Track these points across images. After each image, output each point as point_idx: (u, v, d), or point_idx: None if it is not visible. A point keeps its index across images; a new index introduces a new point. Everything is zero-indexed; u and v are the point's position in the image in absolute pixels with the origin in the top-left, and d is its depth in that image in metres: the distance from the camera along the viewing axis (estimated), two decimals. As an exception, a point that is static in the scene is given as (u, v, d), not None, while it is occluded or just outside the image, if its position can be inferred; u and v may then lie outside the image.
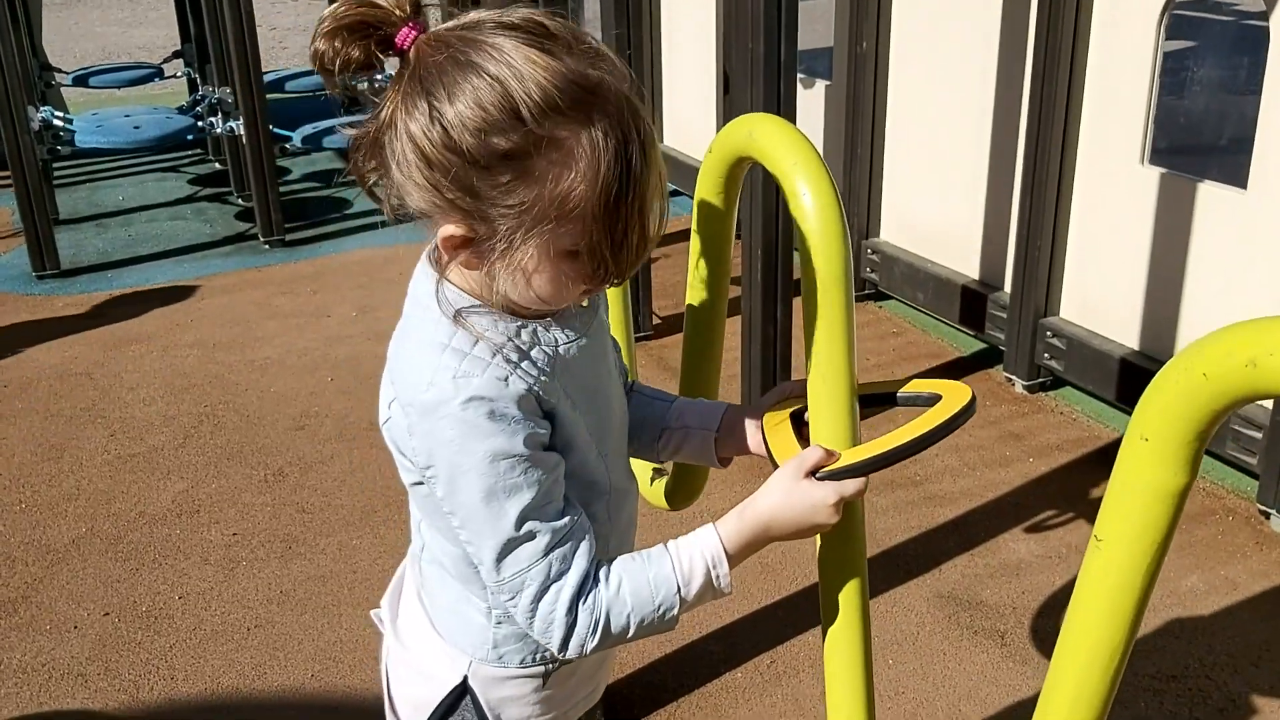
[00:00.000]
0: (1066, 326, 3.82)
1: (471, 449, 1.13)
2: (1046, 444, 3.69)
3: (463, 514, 1.18)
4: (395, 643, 1.45)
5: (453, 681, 1.35)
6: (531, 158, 1.06)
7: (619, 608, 1.20)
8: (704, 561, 1.22)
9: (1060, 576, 3.03)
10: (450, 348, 1.15)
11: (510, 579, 1.19)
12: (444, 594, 1.35)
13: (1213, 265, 3.36)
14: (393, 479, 3.51)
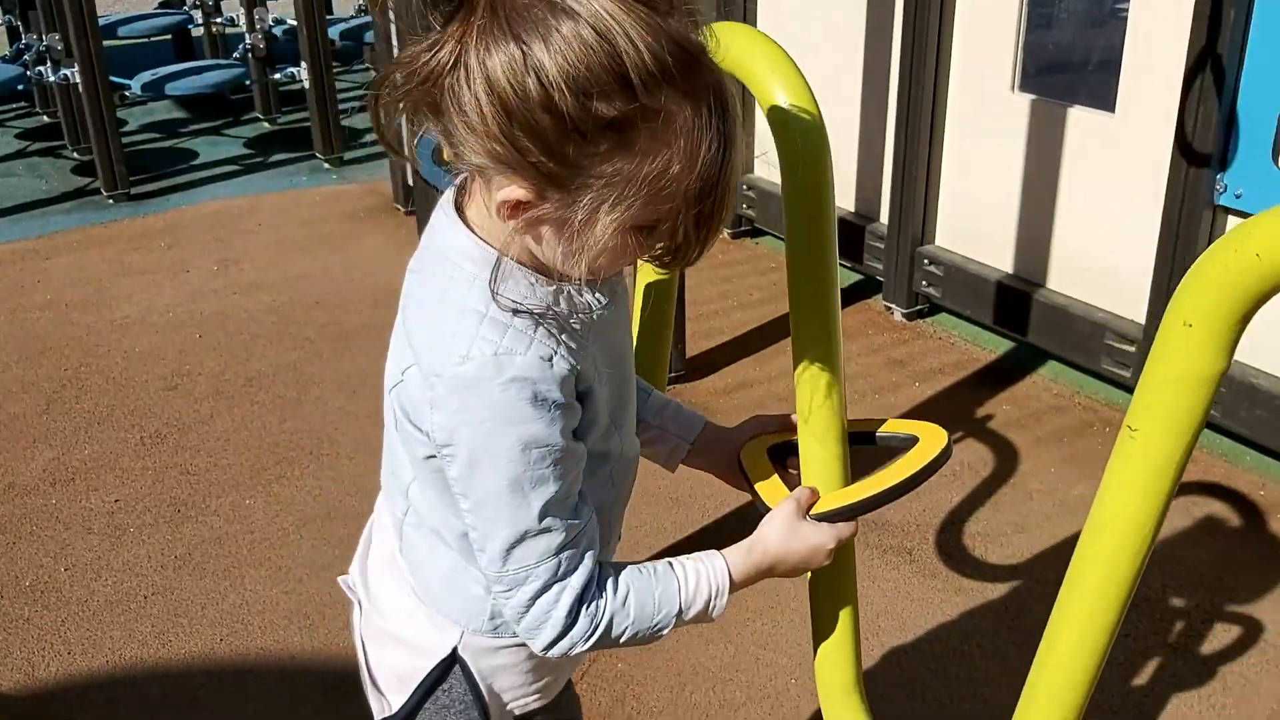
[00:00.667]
0: (943, 254, 3.93)
1: (505, 434, 1.06)
2: (929, 368, 3.81)
3: (477, 498, 1.11)
4: (372, 611, 1.37)
5: (442, 652, 1.30)
6: (636, 129, 0.95)
7: (620, 619, 1.18)
8: (709, 590, 1.21)
9: (957, 494, 3.14)
10: (489, 317, 1.06)
11: (515, 572, 1.13)
12: (436, 562, 1.28)
13: (1084, 187, 3.49)
14: (283, 435, 3.41)
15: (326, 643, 2.63)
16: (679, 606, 1.19)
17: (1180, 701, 2.40)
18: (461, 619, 1.28)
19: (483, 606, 1.27)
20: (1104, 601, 1.04)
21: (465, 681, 1.30)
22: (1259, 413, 3.05)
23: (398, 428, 1.20)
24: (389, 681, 1.35)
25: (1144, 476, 0.94)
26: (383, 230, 5.08)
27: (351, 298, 4.41)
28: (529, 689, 1.34)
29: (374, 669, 1.37)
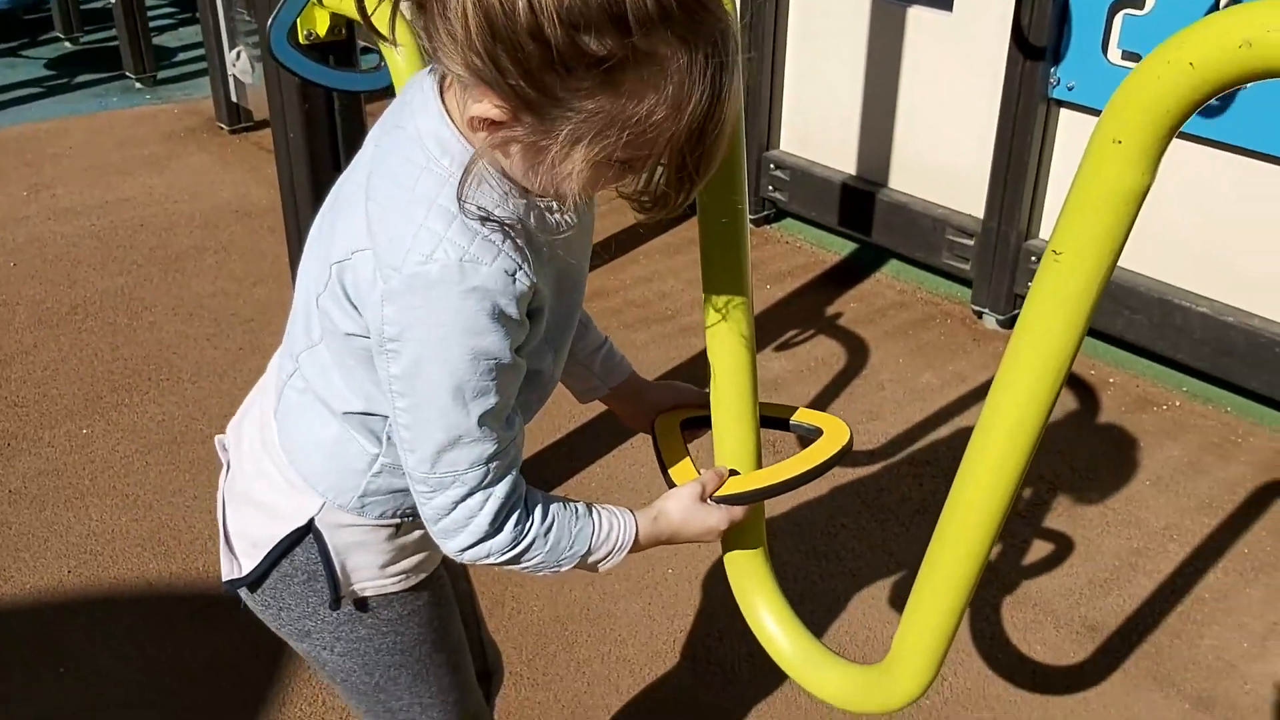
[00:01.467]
0: (788, 158, 3.98)
1: (458, 341, 1.03)
2: (779, 271, 3.87)
3: (416, 399, 1.08)
4: (238, 472, 1.32)
5: (299, 520, 1.25)
6: (623, 70, 0.90)
7: (539, 546, 1.18)
8: (614, 543, 1.23)
9: (813, 387, 3.21)
10: (459, 220, 1.01)
11: (442, 475, 1.11)
12: (313, 431, 1.23)
13: (923, 86, 3.58)
14: (117, 363, 3.23)
15: (185, 567, 2.52)
16: (587, 549, 1.21)
17: (1030, 566, 2.54)
18: (329, 492, 1.24)
19: (356, 483, 1.23)
20: (1022, 429, 1.07)
21: (318, 553, 1.25)
22: (1091, 297, 3.21)
23: (323, 297, 1.13)
24: (242, 545, 1.29)
25: (1068, 298, 0.96)
26: (206, 150, 4.82)
27: (179, 219, 4.18)
28: (383, 573, 1.30)
29: (230, 530, 1.31)
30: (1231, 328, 2.95)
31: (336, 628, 1.30)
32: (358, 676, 1.35)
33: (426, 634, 1.35)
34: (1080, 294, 0.95)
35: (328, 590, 1.26)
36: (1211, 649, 2.33)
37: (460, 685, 1.43)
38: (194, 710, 2.17)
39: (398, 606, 1.32)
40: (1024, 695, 2.22)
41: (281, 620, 1.31)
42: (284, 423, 1.26)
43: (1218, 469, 2.87)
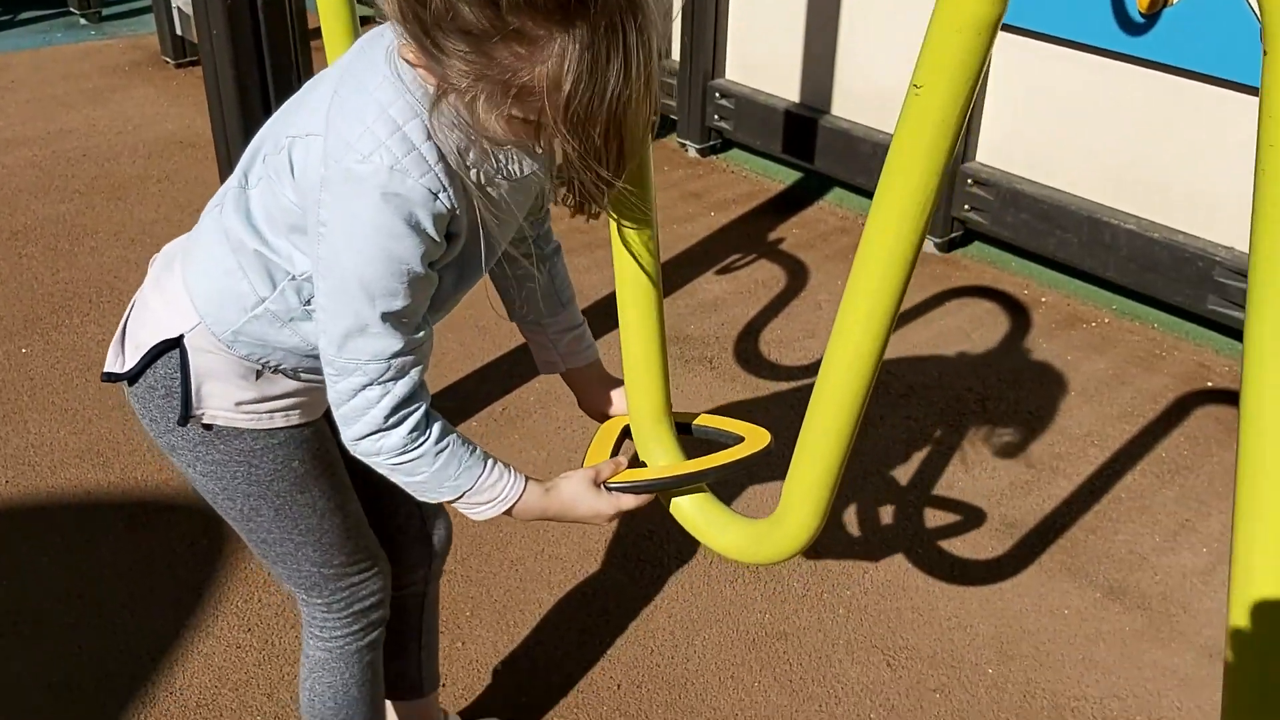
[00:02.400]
0: (733, 87, 4.00)
1: (373, 239, 1.11)
2: (723, 199, 3.91)
3: (331, 284, 1.16)
4: (148, 282, 1.39)
5: (173, 331, 1.32)
6: (492, 41, 0.98)
7: (426, 463, 1.25)
8: (496, 495, 1.30)
9: (752, 308, 3.26)
10: (402, 132, 1.10)
11: (346, 361, 1.19)
12: (214, 258, 1.30)
13: (864, 13, 3.61)
14: (57, 286, 3.24)
15: (123, 477, 2.54)
16: (471, 486, 1.28)
17: (953, 469, 2.61)
18: (207, 316, 1.30)
19: (235, 319, 1.29)
20: (894, 261, 1.11)
21: (179, 369, 1.32)
22: (1023, 216, 3.28)
23: (272, 158, 1.22)
24: (130, 348, 1.36)
25: (929, 130, 1.00)
26: (151, 83, 4.78)
27: (122, 150, 4.16)
28: (236, 408, 1.35)
29: (127, 330, 1.38)
30: (1156, 244, 3.02)
31: (194, 447, 1.36)
32: (223, 501, 1.41)
33: (284, 473, 1.39)
34: (940, 125, 1.00)
35: (180, 406, 1.32)
36: (1124, 544, 2.41)
37: (336, 531, 1.47)
38: (130, 606, 2.20)
39: (248, 440, 1.36)
40: (942, 586, 2.29)
41: (154, 431, 1.38)
42: (192, 242, 1.34)
43: (1141, 380, 2.95)
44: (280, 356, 1.33)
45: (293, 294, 1.27)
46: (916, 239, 1.10)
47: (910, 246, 1.10)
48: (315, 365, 1.34)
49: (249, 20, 1.97)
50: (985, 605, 2.25)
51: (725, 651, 2.14)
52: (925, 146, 1.02)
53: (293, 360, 1.34)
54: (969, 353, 3.05)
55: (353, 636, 1.56)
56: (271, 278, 1.26)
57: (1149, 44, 2.90)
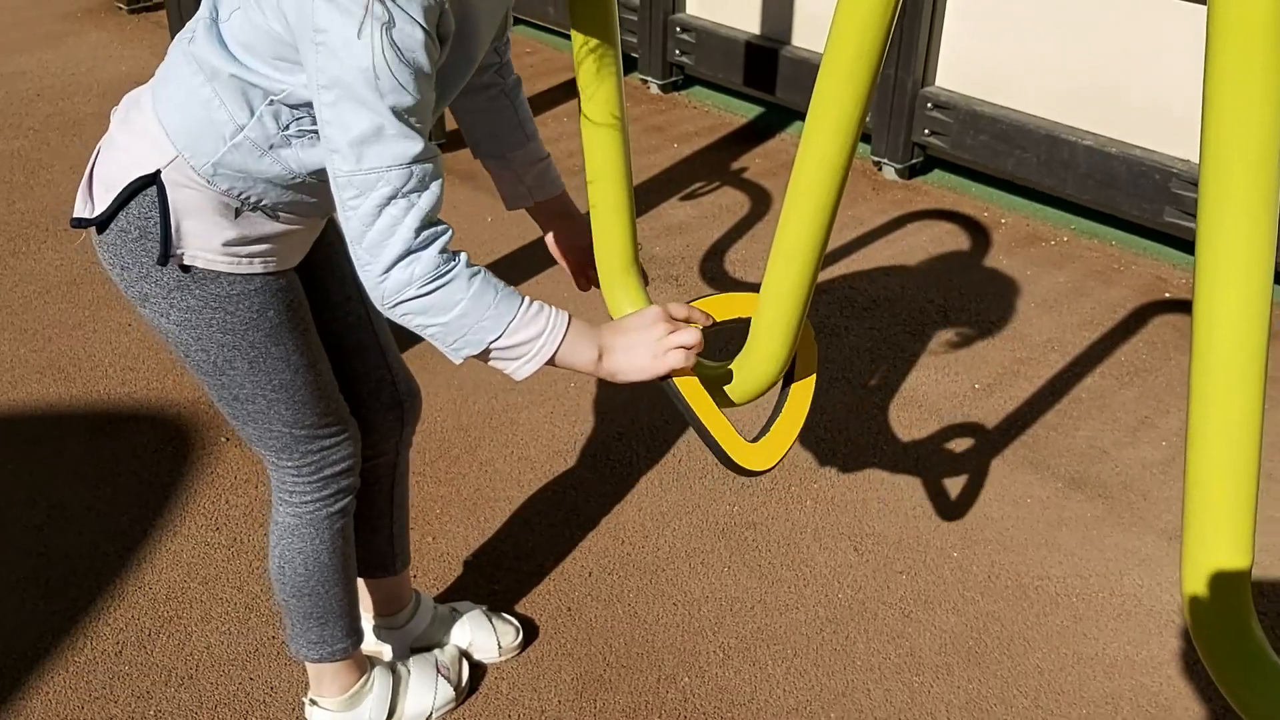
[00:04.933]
0: (694, 21, 4.00)
1: (373, 30, 1.09)
2: (686, 132, 3.91)
3: (337, 90, 1.12)
4: (115, 123, 1.37)
5: (149, 167, 1.29)
6: None
7: (460, 287, 1.17)
8: (539, 330, 1.21)
9: (715, 232, 3.27)
10: None
11: (366, 175, 1.14)
12: (187, 88, 1.28)
13: (822, -58, 3.61)
14: (14, 215, 3.26)
15: (85, 390, 2.52)
16: (507, 321, 1.20)
17: (918, 374, 2.64)
18: (186, 150, 1.28)
19: (214, 149, 1.27)
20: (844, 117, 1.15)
21: (157, 205, 1.29)
22: (982, 138, 3.31)
23: None
24: (99, 189, 1.34)
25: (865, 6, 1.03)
26: (105, 28, 4.71)
27: (76, 90, 4.10)
28: (217, 247, 1.33)
29: (94, 175, 1.35)
30: (1114, 159, 3.06)
31: (169, 293, 1.34)
32: (196, 352, 1.40)
33: (259, 322, 1.38)
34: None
35: (159, 243, 1.30)
36: (1085, 439, 2.45)
37: (308, 388, 1.46)
38: (96, 509, 2.18)
39: (225, 285, 1.35)
40: (907, 479, 2.32)
41: (125, 280, 1.36)
42: (162, 76, 1.32)
43: (1100, 292, 2.99)
44: (262, 189, 1.31)
45: (270, 119, 1.26)
46: (859, 114, 1.14)
47: (853, 122, 1.14)
48: (298, 200, 1.34)
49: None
50: (950, 496, 2.28)
51: (695, 540, 2.16)
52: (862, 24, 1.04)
53: (274, 194, 1.32)
54: (931, 269, 3.08)
55: (323, 502, 1.56)
56: (249, 103, 1.25)
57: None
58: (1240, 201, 0.88)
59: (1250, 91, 0.84)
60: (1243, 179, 0.87)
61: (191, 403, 2.43)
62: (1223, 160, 0.88)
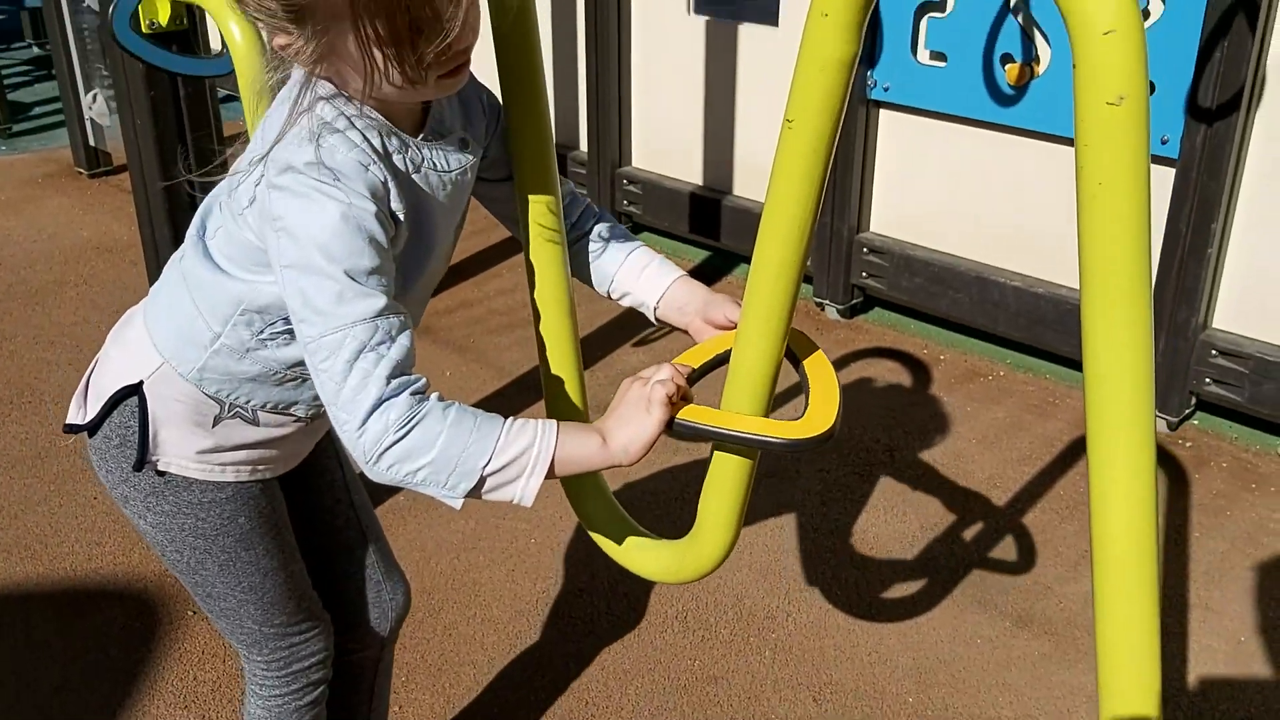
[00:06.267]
0: (640, 174, 4.19)
1: (322, 206, 1.16)
2: (635, 279, 4.05)
3: (297, 269, 1.18)
4: (110, 337, 1.46)
5: (133, 377, 1.38)
6: None
7: (436, 420, 1.17)
8: (528, 444, 1.20)
9: (668, 378, 3.38)
10: (321, 121, 1.20)
11: (333, 334, 1.16)
12: (173, 304, 1.38)
13: (758, 96, 3.83)
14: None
15: (51, 567, 2.55)
16: (493, 444, 1.18)
17: (866, 517, 2.73)
18: (172, 358, 1.36)
19: (198, 357, 1.35)
20: (780, 282, 1.23)
21: (137, 414, 1.37)
22: (917, 280, 3.47)
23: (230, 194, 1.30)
24: (92, 397, 1.42)
25: (802, 160, 1.14)
26: (65, 193, 4.83)
27: (38, 257, 4.19)
28: (192, 456, 1.40)
29: (90, 380, 1.43)
30: (1042, 298, 3.22)
31: (145, 497, 1.42)
32: (171, 552, 1.47)
33: (229, 528, 1.45)
34: (812, 154, 1.13)
35: (136, 452, 1.38)
36: (1030, 575, 2.54)
37: (278, 590, 1.51)
38: (65, 688, 2.20)
39: (198, 492, 1.42)
40: (862, 624, 2.39)
41: (109, 483, 1.44)
42: (154, 291, 1.43)
43: (1037, 426, 3.12)
44: (249, 390, 1.38)
45: (244, 327, 1.33)
46: (799, 262, 1.21)
47: (793, 271, 1.21)
48: (280, 398, 1.41)
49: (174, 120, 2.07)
50: (903, 639, 2.35)
51: (658, 698, 2.21)
52: (800, 174, 1.15)
53: (261, 393, 1.39)
54: (876, 408, 3.20)
55: (291, 696, 1.61)
56: (224, 313, 1.33)
57: (1019, 113, 3.14)
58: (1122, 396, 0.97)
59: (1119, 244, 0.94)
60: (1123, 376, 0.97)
61: (157, 576, 2.47)
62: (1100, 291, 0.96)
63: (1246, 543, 2.64)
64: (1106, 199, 0.94)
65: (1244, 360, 2.89)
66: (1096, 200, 0.94)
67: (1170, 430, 3.06)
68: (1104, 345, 0.97)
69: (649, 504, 2.76)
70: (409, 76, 1.17)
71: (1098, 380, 0.98)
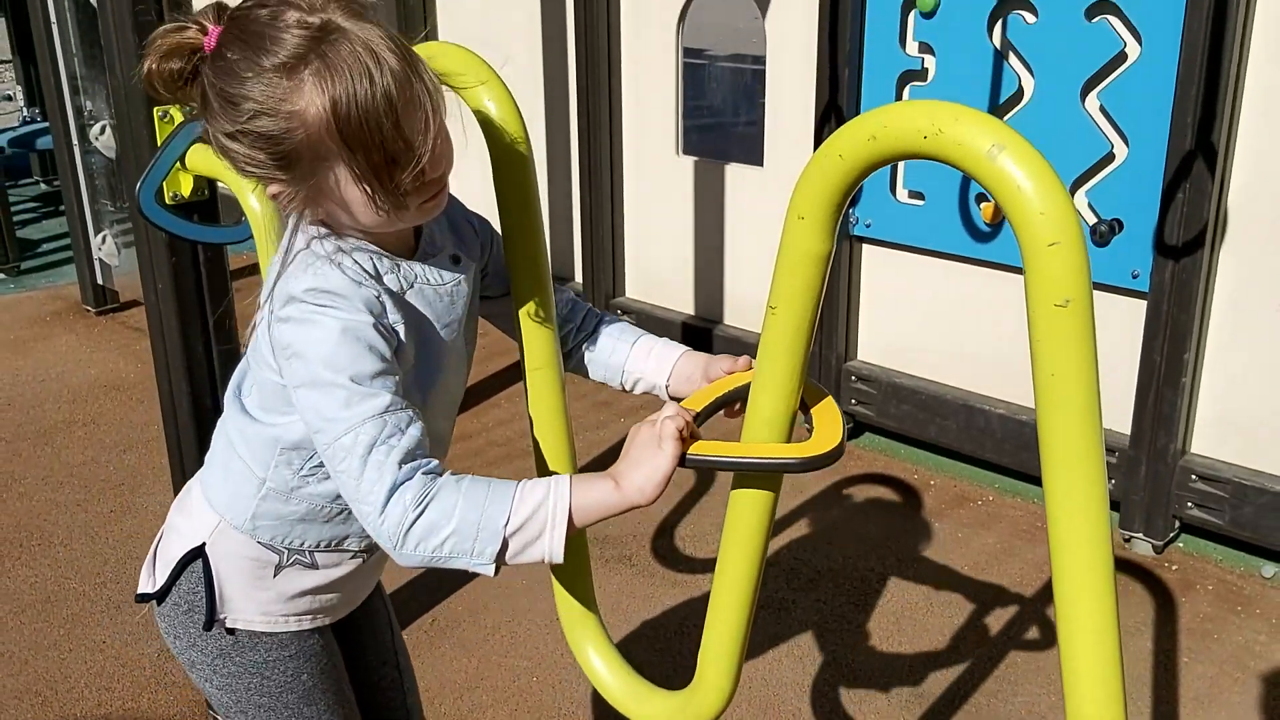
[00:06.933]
0: (633, 304, 4.32)
1: (323, 325, 1.25)
2: (631, 407, 4.15)
3: (307, 385, 1.26)
4: (172, 510, 1.55)
5: (196, 540, 1.47)
6: (279, 112, 1.21)
7: (451, 493, 1.22)
8: (542, 497, 1.24)
9: (667, 507, 3.46)
10: (315, 255, 1.30)
11: (345, 436, 1.22)
12: (224, 463, 1.47)
13: (745, 231, 3.98)
14: None
15: (61, 713, 2.58)
16: (510, 505, 1.22)
17: (862, 647, 2.78)
18: (226, 511, 1.45)
19: (248, 506, 1.44)
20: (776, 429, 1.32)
21: (201, 577, 1.46)
22: (905, 407, 3.57)
23: (255, 348, 1.40)
24: (160, 568, 1.51)
25: (784, 345, 1.24)
26: (73, 331, 4.95)
27: (46, 397, 4.28)
28: (258, 610, 1.47)
29: (158, 553, 1.52)
30: (1027, 425, 3.32)
31: (213, 660, 1.49)
32: (236, 713, 1.53)
33: (294, 685, 1.52)
34: (794, 338, 1.23)
35: (204, 612, 1.46)
36: (1024, 704, 2.58)
37: None
38: (73, 843, 2.22)
39: (263, 650, 1.50)
40: (860, 757, 2.43)
41: (177, 648, 1.51)
42: (207, 461, 1.54)
43: (1027, 551, 3.18)
44: (300, 532, 1.46)
45: (285, 468, 1.41)
46: (786, 431, 1.31)
47: (782, 437, 1.31)
48: (332, 534, 1.47)
49: (192, 273, 2.19)
50: (901, 772, 2.39)
51: (661, 837, 2.23)
52: (785, 356, 1.25)
53: (313, 533, 1.46)
54: (870, 536, 3.27)
55: None
56: (265, 458, 1.42)
57: (995, 249, 3.28)
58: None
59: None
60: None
61: (166, 721, 2.51)
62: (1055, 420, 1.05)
63: (1235, 667, 2.69)
64: (1058, 388, 1.04)
65: (1223, 485, 2.98)
66: (1050, 389, 1.04)
67: (1156, 554, 3.13)
68: (1063, 511, 1.08)
69: (649, 639, 2.81)
70: (393, 203, 1.26)
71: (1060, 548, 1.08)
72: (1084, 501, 1.07)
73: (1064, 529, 1.09)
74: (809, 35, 3.51)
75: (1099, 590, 1.10)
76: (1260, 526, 2.94)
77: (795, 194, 1.17)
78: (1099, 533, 1.08)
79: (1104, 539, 1.08)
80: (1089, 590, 1.10)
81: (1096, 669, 1.12)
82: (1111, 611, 1.11)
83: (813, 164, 1.14)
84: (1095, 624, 1.11)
